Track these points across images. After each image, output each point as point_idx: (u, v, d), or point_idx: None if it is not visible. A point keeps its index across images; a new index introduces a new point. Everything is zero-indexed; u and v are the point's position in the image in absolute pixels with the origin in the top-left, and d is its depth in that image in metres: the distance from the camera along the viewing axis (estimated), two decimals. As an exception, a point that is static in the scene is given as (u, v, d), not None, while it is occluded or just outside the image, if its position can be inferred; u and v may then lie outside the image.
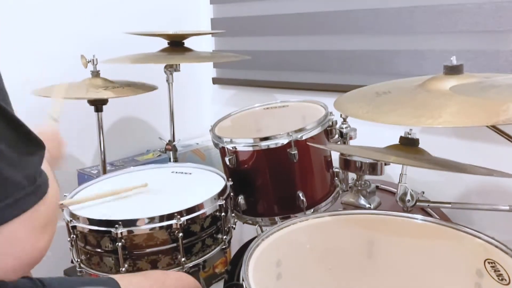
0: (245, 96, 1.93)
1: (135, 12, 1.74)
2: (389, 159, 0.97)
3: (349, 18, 1.54)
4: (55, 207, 0.59)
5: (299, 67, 1.71)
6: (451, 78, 0.92)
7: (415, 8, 1.39)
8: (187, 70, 1.55)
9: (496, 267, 0.79)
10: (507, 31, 1.24)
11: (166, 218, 0.97)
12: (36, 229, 0.55)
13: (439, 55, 1.36)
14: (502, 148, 1.25)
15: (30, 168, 0.54)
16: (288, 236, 0.93)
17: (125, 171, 1.31)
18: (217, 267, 1.72)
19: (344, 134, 1.27)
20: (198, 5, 1.96)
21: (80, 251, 1.03)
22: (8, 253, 0.53)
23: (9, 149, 0.51)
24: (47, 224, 0.57)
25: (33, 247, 0.55)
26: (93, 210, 1.04)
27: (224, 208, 1.07)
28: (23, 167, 0.53)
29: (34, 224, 0.54)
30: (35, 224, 0.54)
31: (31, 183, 0.53)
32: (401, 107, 0.88)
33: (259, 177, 1.20)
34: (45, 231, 0.56)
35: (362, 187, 1.19)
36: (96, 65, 1.41)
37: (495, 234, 0.84)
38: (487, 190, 1.35)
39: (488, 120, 0.78)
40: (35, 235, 0.55)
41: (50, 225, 0.57)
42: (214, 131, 1.26)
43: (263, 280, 0.80)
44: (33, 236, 0.54)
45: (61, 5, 1.55)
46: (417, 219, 0.95)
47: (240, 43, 1.88)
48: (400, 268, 0.91)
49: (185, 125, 1.80)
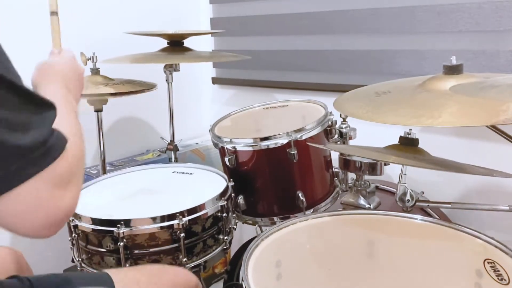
0: (244, 96, 1.93)
1: (135, 12, 1.74)
2: (388, 159, 0.97)
3: (349, 18, 1.54)
4: (75, 165, 0.59)
5: (299, 67, 1.71)
6: (451, 78, 0.92)
7: (415, 8, 1.39)
8: (186, 70, 1.55)
9: (496, 267, 0.79)
10: (507, 31, 1.24)
11: (168, 218, 0.98)
12: (56, 186, 0.55)
13: (439, 55, 1.37)
14: (502, 148, 1.26)
15: (38, 130, 0.54)
16: (287, 236, 0.93)
17: (125, 171, 1.31)
18: (217, 267, 1.72)
19: (343, 134, 1.27)
20: (198, 5, 1.96)
21: (81, 250, 1.04)
22: (33, 212, 0.54)
23: (13, 114, 0.51)
24: (69, 181, 0.57)
25: (57, 205, 0.55)
26: (95, 209, 1.05)
27: (226, 208, 1.08)
28: (28, 130, 0.53)
29: (54, 182, 0.55)
30: (55, 182, 0.55)
31: (41, 145, 0.53)
32: (401, 107, 0.88)
33: (258, 177, 1.20)
34: (67, 188, 0.57)
35: (362, 187, 1.19)
36: (96, 62, 1.41)
37: (495, 234, 0.84)
38: (487, 190, 1.35)
39: (488, 120, 0.78)
40: (57, 193, 0.55)
41: (72, 182, 0.58)
42: (214, 131, 1.26)
43: (262, 280, 0.80)
44: (55, 193, 0.55)
45: (61, 5, 1.54)
46: (417, 219, 0.95)
47: (240, 43, 1.88)
48: (400, 268, 0.91)
49: (184, 125, 1.80)
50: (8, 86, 0.52)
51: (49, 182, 0.54)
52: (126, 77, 1.50)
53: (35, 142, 0.52)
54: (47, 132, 0.54)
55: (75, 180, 0.59)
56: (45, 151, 0.53)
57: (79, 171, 0.61)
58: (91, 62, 1.40)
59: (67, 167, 0.56)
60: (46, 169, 0.53)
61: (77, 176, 0.60)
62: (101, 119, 1.42)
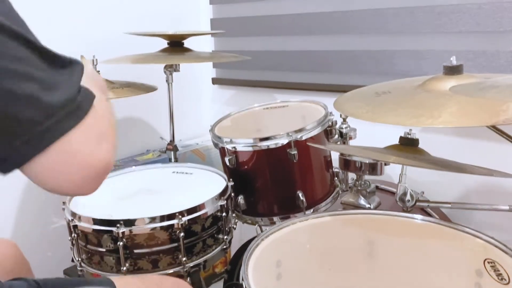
0: (245, 96, 1.93)
1: (135, 12, 1.74)
2: (389, 159, 0.97)
3: (349, 18, 1.54)
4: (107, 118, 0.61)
5: (299, 67, 1.71)
6: (451, 78, 0.92)
7: (415, 8, 1.39)
8: (186, 70, 1.55)
9: (496, 267, 0.79)
10: (507, 31, 1.24)
11: (168, 218, 0.98)
12: (92, 139, 0.56)
13: (439, 55, 1.37)
14: (502, 148, 1.25)
15: (66, 88, 0.55)
16: (288, 236, 0.93)
17: (125, 171, 1.31)
18: (217, 267, 1.72)
19: (344, 134, 1.27)
20: (198, 5, 1.96)
21: (81, 250, 1.04)
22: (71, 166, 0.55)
23: (40, 72, 0.53)
24: (103, 134, 0.58)
25: (94, 157, 0.56)
26: (94, 209, 1.05)
27: (225, 208, 1.08)
28: (58, 88, 0.54)
29: (88, 136, 0.56)
30: (90, 136, 0.56)
31: (71, 102, 0.54)
32: (401, 107, 0.89)
33: (259, 177, 1.20)
34: (103, 141, 0.58)
35: (362, 187, 1.19)
36: (96, 65, 1.41)
37: (495, 234, 0.84)
38: (487, 190, 1.35)
39: (488, 120, 0.78)
40: (93, 145, 0.56)
41: (106, 134, 0.59)
42: (214, 131, 1.26)
43: (262, 280, 0.80)
44: (91, 146, 0.56)
45: (61, 5, 1.55)
46: (417, 219, 0.95)
47: (240, 43, 1.89)
48: (400, 268, 0.92)
49: (184, 125, 1.80)
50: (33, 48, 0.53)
51: (82, 136, 0.55)
52: (126, 77, 1.51)
53: (66, 99, 0.54)
54: (75, 89, 0.56)
55: (107, 133, 0.59)
56: (75, 108, 0.54)
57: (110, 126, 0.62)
58: (92, 65, 1.40)
59: (98, 121, 0.58)
60: (77, 125, 0.54)
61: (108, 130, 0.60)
62: (101, 119, 1.42)
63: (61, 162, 0.54)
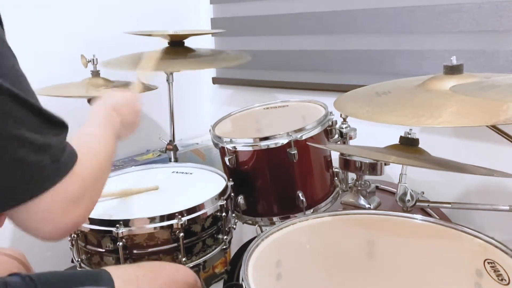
0: (245, 96, 1.93)
1: (135, 12, 1.74)
2: (389, 159, 0.97)
3: (349, 18, 1.54)
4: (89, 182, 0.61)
5: (299, 67, 1.71)
6: (451, 78, 0.92)
7: (415, 8, 1.39)
8: (187, 70, 1.55)
9: (496, 267, 0.79)
10: (507, 31, 1.24)
11: (167, 218, 0.98)
12: (66, 203, 0.57)
13: (439, 55, 1.36)
14: (502, 148, 1.26)
15: (52, 149, 0.56)
16: (288, 236, 0.93)
17: (125, 171, 1.31)
18: (217, 267, 1.72)
19: (344, 134, 1.27)
20: (198, 5, 1.96)
21: (81, 250, 1.04)
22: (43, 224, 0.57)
23: (31, 133, 0.54)
24: (79, 198, 0.59)
25: (66, 218, 0.58)
26: (94, 209, 1.04)
27: (225, 208, 1.08)
28: (45, 149, 0.55)
29: (63, 198, 0.57)
30: (65, 198, 0.57)
31: (53, 163, 0.56)
32: (401, 107, 0.89)
33: (259, 177, 1.20)
34: (79, 203, 0.59)
35: (362, 187, 1.19)
36: (96, 65, 1.41)
37: (495, 234, 0.84)
38: (487, 190, 1.35)
39: (488, 120, 0.78)
40: (66, 208, 0.58)
41: (83, 199, 0.60)
42: (214, 131, 1.26)
43: (262, 280, 0.80)
44: (64, 209, 0.57)
45: (61, 5, 1.55)
46: (417, 219, 0.95)
47: (240, 43, 1.88)
48: (400, 268, 0.91)
49: (185, 125, 1.80)
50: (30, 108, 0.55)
51: (59, 197, 0.57)
52: (126, 77, 1.50)
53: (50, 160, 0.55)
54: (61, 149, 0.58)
55: (88, 195, 0.61)
56: (57, 168, 0.56)
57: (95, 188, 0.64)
58: (92, 65, 1.40)
59: (80, 183, 0.59)
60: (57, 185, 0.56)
61: (90, 192, 0.62)
62: (101, 119, 1.42)
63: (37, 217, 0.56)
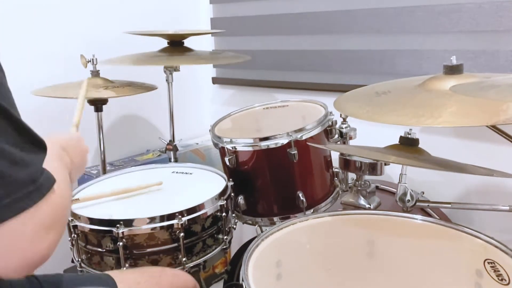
0: (245, 96, 1.93)
1: (135, 12, 1.74)
2: (389, 159, 0.97)
3: (349, 18, 1.54)
4: (61, 209, 0.58)
5: (299, 67, 1.71)
6: (451, 78, 0.92)
7: (415, 8, 1.39)
8: (187, 70, 1.55)
9: (496, 267, 0.79)
10: (507, 31, 1.24)
11: (167, 218, 0.98)
12: (38, 228, 0.54)
13: (439, 55, 1.37)
14: (502, 148, 1.26)
15: (32, 168, 0.54)
16: (288, 236, 0.93)
17: (125, 171, 1.31)
18: (217, 267, 1.72)
19: (344, 134, 1.27)
20: (198, 5, 1.96)
21: (81, 250, 1.04)
22: (10, 251, 0.53)
23: (12, 148, 0.52)
24: (51, 225, 0.56)
25: (35, 247, 0.54)
26: (94, 209, 1.05)
27: (225, 208, 1.08)
28: (25, 166, 0.53)
29: (36, 223, 0.53)
30: (37, 224, 0.54)
31: (32, 182, 0.53)
32: (401, 107, 0.89)
33: (259, 177, 1.20)
34: (49, 232, 0.55)
35: (362, 187, 1.19)
36: (96, 65, 1.41)
37: (495, 234, 0.84)
38: (487, 190, 1.35)
39: (488, 120, 0.78)
40: (37, 235, 0.54)
41: (55, 227, 0.56)
42: (214, 131, 1.26)
43: (262, 280, 0.80)
44: (35, 235, 0.53)
45: (61, 5, 1.55)
46: (417, 219, 0.95)
47: (240, 43, 1.88)
48: (400, 268, 0.91)
49: (185, 125, 1.80)
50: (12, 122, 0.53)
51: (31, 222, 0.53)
52: (126, 76, 1.51)
53: (28, 179, 0.53)
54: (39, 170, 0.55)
55: (58, 225, 0.57)
56: (36, 188, 0.53)
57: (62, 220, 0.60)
58: (91, 64, 1.40)
59: (53, 210, 0.56)
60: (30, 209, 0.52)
61: (60, 222, 0.58)
62: (101, 119, 1.42)
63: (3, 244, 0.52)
